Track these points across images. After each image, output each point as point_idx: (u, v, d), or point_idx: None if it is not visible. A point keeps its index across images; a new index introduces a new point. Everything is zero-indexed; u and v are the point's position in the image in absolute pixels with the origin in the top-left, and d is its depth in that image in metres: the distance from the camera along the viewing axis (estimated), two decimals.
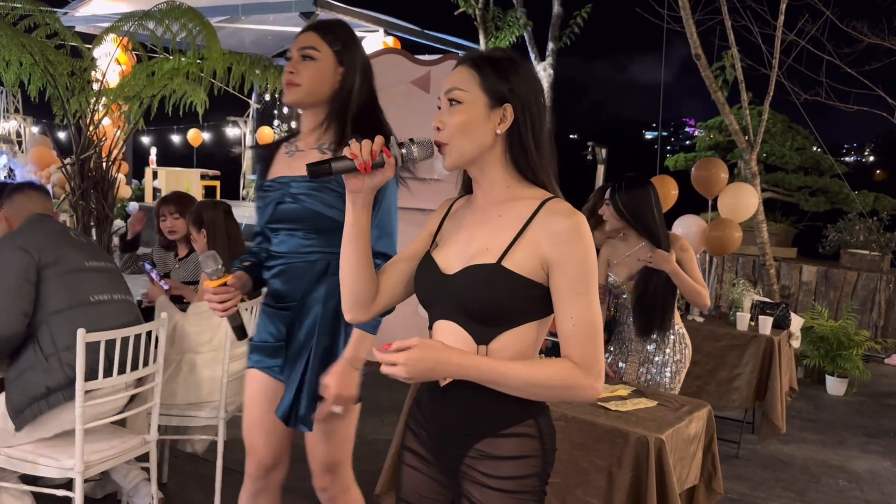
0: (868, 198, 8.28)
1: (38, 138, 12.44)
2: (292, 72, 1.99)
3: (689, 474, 2.60)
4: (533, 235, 1.38)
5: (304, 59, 1.99)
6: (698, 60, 6.71)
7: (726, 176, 5.19)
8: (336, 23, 2.10)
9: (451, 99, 1.42)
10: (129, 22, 4.72)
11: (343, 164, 1.34)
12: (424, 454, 1.53)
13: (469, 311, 1.40)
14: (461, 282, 1.41)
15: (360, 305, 1.51)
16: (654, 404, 2.65)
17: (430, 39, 9.64)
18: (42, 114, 13.85)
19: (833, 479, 4.00)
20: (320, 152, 2.01)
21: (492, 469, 1.42)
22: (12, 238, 2.62)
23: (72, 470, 2.50)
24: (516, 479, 1.42)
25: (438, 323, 1.46)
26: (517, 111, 1.41)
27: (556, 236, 1.36)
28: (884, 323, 6.98)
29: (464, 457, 1.45)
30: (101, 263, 2.76)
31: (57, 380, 2.49)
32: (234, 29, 9.66)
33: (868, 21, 7.37)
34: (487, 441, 1.42)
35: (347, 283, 1.49)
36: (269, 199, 2.06)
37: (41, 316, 2.53)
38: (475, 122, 1.41)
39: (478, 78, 1.42)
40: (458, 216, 1.53)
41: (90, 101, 4.78)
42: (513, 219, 1.41)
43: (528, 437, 1.43)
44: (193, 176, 12.67)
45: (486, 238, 1.42)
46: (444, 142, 1.41)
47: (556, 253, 1.36)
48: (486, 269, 1.38)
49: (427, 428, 1.52)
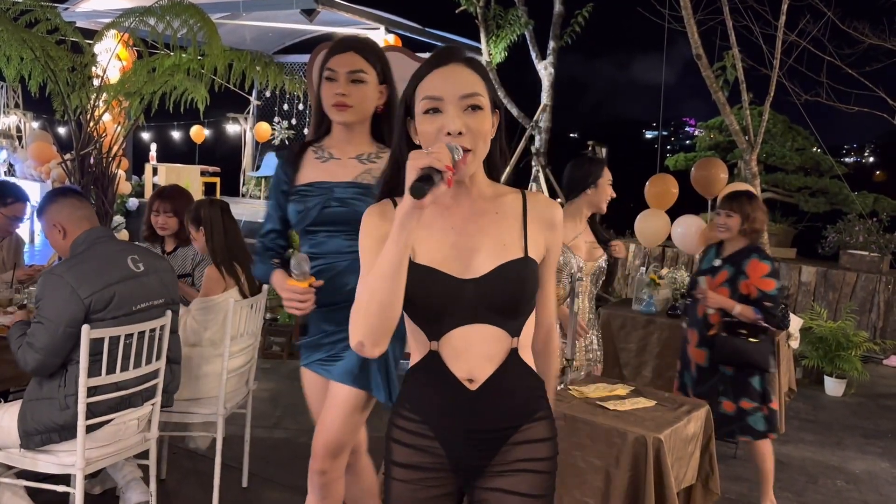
0: (868, 199, 8.28)
1: (39, 134, 12.43)
2: (344, 94, 2.11)
3: (687, 474, 2.61)
4: (534, 225, 1.48)
5: (354, 83, 2.12)
6: (699, 60, 6.71)
7: (726, 176, 5.19)
8: (369, 41, 2.24)
9: (474, 105, 1.39)
10: (130, 18, 4.73)
11: (438, 177, 1.24)
12: (426, 463, 1.49)
13: (505, 308, 1.42)
14: (495, 282, 1.41)
15: (389, 334, 1.36)
16: (652, 404, 2.65)
17: (431, 37, 9.61)
18: (42, 109, 13.82)
19: (831, 479, 4.01)
20: (360, 162, 2.18)
21: (532, 452, 1.49)
22: (67, 271, 2.48)
23: (72, 467, 2.50)
24: (546, 459, 1.51)
25: (458, 331, 1.42)
26: (500, 117, 1.48)
27: (554, 224, 1.51)
28: (882, 324, 6.98)
29: (497, 449, 1.47)
30: (149, 271, 2.68)
31: (71, 421, 2.48)
32: (234, 25, 9.64)
33: (869, 22, 7.36)
34: (526, 427, 1.49)
35: (386, 313, 1.32)
36: (312, 202, 2.17)
37: (74, 354, 2.49)
38: (489, 129, 1.44)
39: (484, 84, 1.42)
40: (425, 219, 1.40)
41: (91, 97, 4.78)
42: (509, 213, 1.48)
43: (550, 418, 1.54)
44: (193, 172, 12.65)
45: (496, 236, 1.44)
46: (468, 147, 1.37)
47: (553, 238, 1.51)
48: (518, 264, 1.43)
49: (443, 434, 1.47)
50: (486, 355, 1.43)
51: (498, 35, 9.71)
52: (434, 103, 1.38)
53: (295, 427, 4.22)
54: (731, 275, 3.36)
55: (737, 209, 3.37)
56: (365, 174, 2.18)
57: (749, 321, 3.27)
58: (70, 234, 2.63)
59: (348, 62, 2.13)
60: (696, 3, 6.76)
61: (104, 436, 2.59)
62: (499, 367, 1.44)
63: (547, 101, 9.82)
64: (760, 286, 3.27)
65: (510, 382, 1.46)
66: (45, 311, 2.45)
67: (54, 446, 2.52)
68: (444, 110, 1.38)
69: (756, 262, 3.30)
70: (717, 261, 3.43)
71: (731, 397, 3.36)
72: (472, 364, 1.43)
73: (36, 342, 2.45)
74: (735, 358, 3.30)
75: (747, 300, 3.29)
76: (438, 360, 1.44)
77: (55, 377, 2.52)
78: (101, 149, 4.94)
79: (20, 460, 2.56)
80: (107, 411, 2.54)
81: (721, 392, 3.38)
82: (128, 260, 2.62)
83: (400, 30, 8.92)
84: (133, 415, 2.65)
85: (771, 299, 3.26)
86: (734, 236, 3.39)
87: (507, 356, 1.44)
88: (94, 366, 2.47)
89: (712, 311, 3.38)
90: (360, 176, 2.18)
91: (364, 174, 2.18)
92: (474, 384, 1.43)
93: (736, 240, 3.40)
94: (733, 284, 3.34)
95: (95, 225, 2.68)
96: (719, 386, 3.39)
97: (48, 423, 2.49)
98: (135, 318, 2.56)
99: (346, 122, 2.16)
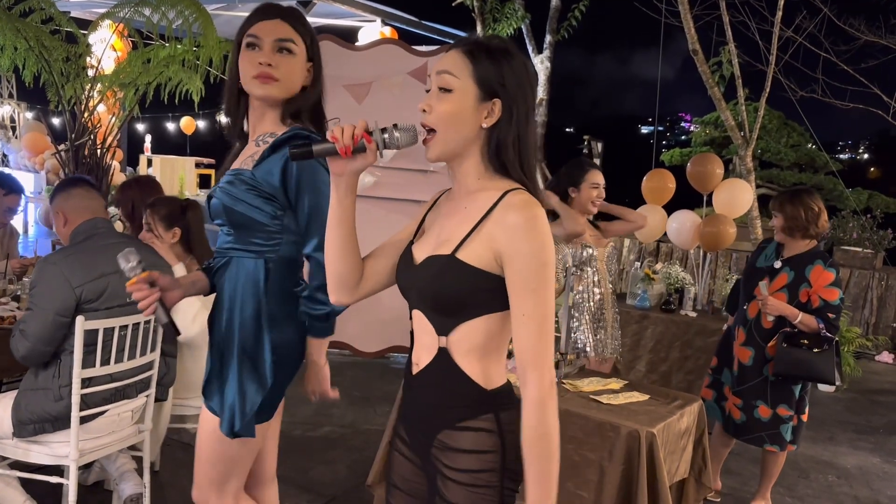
0: (862, 195, 8.32)
1: (33, 124, 12.38)
2: (270, 64, 1.83)
3: (680, 468, 2.62)
4: (489, 227, 1.35)
5: (280, 52, 1.85)
6: (695, 56, 6.71)
7: (721, 172, 5.20)
8: (297, 11, 1.95)
9: (441, 86, 1.39)
10: (125, 8, 4.70)
11: (324, 146, 1.34)
12: (408, 439, 1.55)
13: (428, 301, 1.42)
14: (422, 272, 1.42)
15: (344, 288, 1.51)
16: (645, 398, 2.66)
17: (427, 30, 9.60)
18: (36, 99, 13.76)
19: (822, 474, 4.03)
20: (255, 144, 1.89)
21: (451, 461, 1.42)
22: (62, 259, 2.50)
23: (66, 458, 2.50)
24: (472, 472, 1.40)
25: (413, 312, 1.48)
26: (504, 108, 1.38)
27: (508, 230, 1.33)
28: (875, 320, 7.02)
29: (430, 446, 1.46)
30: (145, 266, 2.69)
31: (65, 412, 2.49)
32: (230, 16, 9.59)
33: (865, 19, 7.38)
34: (447, 433, 1.42)
35: (332, 265, 1.49)
36: None
37: (68, 345, 2.49)
38: (463, 113, 1.38)
39: (471, 67, 1.38)
40: (438, 208, 1.54)
41: (85, 88, 4.76)
42: (475, 211, 1.40)
43: (484, 431, 1.40)
44: (188, 164, 12.63)
45: (450, 229, 1.43)
46: (430, 125, 1.38)
47: (509, 247, 1.33)
48: (441, 260, 1.39)
49: (406, 414, 1.54)
50: (424, 345, 1.45)
51: (494, 28, 9.70)
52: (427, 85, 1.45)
53: (287, 419, 4.21)
54: (790, 279, 3.18)
55: (778, 209, 3.23)
56: (248, 159, 1.87)
57: (811, 331, 3.11)
58: (71, 222, 2.65)
59: (276, 29, 1.84)
60: None
61: (98, 427, 2.59)
62: (429, 361, 1.43)
63: (543, 96, 9.82)
64: (824, 295, 3.10)
65: (435, 380, 1.43)
66: (37, 299, 2.47)
67: (48, 437, 2.52)
68: (429, 90, 1.43)
69: (821, 269, 3.13)
70: (777, 262, 3.25)
71: (768, 402, 3.21)
72: (418, 348, 1.47)
73: (27, 329, 2.46)
74: (797, 369, 3.10)
75: (804, 308, 3.14)
76: (412, 339, 1.51)
77: (50, 367, 2.52)
78: (95, 140, 4.92)
79: (13, 451, 2.56)
80: (101, 403, 2.54)
81: (759, 396, 3.24)
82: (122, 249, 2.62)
83: (397, 22, 8.89)
84: (127, 406, 2.65)
85: (834, 310, 3.10)
86: (786, 237, 3.23)
87: (436, 353, 1.42)
88: (89, 357, 2.47)
89: (771, 318, 3.22)
90: (244, 161, 1.87)
91: (248, 159, 1.87)
92: (416, 368, 1.46)
93: (795, 241, 3.22)
94: (793, 290, 3.17)
95: (98, 216, 2.68)
96: (759, 389, 3.24)
97: (42, 414, 2.49)
98: (128, 310, 2.56)
99: (270, 96, 1.86)
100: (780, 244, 3.31)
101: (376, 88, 4.35)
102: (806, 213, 3.17)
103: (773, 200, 3.31)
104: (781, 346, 3.12)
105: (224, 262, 1.91)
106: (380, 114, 4.10)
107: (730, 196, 5.21)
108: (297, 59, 1.87)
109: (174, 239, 3.02)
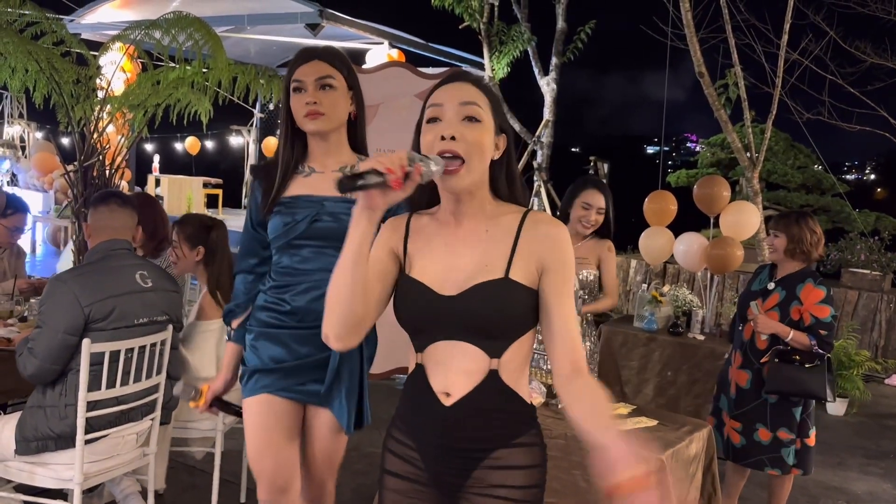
0: (869, 217, 8.30)
1: (42, 144, 12.48)
2: (315, 102, 2.04)
3: (689, 495, 2.59)
4: (526, 245, 1.43)
5: (323, 89, 2.06)
6: (702, 78, 6.74)
7: (728, 194, 5.19)
8: (333, 48, 2.17)
9: (471, 116, 1.41)
10: (135, 31, 4.74)
11: (375, 179, 1.27)
12: (411, 474, 1.50)
13: (481, 328, 1.41)
14: (470, 301, 1.41)
15: (355, 331, 1.42)
16: (653, 423, 2.64)
17: (434, 52, 9.66)
18: (46, 119, 13.89)
19: (832, 500, 3.98)
20: (341, 173, 2.01)
21: (502, 479, 1.44)
22: (73, 278, 2.52)
23: (70, 481, 2.49)
24: (524, 488, 1.46)
25: (439, 345, 1.44)
26: (509, 142, 1.49)
27: (547, 240, 1.44)
28: (884, 343, 6.96)
29: (472, 470, 1.45)
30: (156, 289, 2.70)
31: (69, 431, 2.48)
32: (239, 39, 9.68)
33: (871, 41, 7.41)
34: (500, 451, 1.45)
35: (346, 307, 1.38)
36: (301, 215, 2.05)
37: (75, 363, 2.49)
38: (489, 144, 1.44)
39: (487, 101, 1.45)
40: (428, 234, 1.49)
41: (95, 109, 4.79)
42: (501, 233, 1.45)
43: (536, 446, 1.48)
44: (196, 184, 12.68)
45: (480, 255, 1.44)
46: (460, 154, 1.38)
47: (550, 256, 1.43)
48: (495, 285, 1.41)
49: (422, 446, 1.49)
50: (464, 372, 1.43)
51: (501, 51, 9.76)
52: (435, 111, 1.43)
53: None
54: (782, 298, 3.21)
55: (783, 229, 3.22)
56: None
57: (803, 348, 3.12)
58: (93, 239, 2.68)
59: (315, 70, 2.06)
60: (699, 21, 6.80)
61: (102, 449, 2.57)
62: (476, 386, 1.43)
63: (549, 117, 9.86)
64: (815, 312, 3.12)
65: (486, 403, 1.43)
66: (46, 316, 2.48)
67: (50, 457, 2.51)
68: (442, 118, 1.42)
69: (811, 287, 3.15)
70: (770, 284, 3.28)
71: (768, 425, 3.20)
72: (449, 379, 1.44)
73: (35, 347, 2.47)
74: (789, 386, 3.12)
75: (796, 325, 3.15)
76: (423, 372, 1.47)
77: (57, 385, 2.52)
78: (104, 160, 4.94)
79: (17, 474, 2.55)
80: (106, 426, 2.54)
81: (759, 419, 3.22)
82: (136, 275, 2.65)
83: (404, 45, 8.95)
84: (132, 429, 2.64)
85: (826, 326, 3.10)
86: (784, 258, 3.24)
87: (485, 377, 1.42)
88: (95, 379, 2.47)
89: (765, 336, 3.23)
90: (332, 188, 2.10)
91: None
92: (450, 399, 1.43)
93: (788, 262, 3.25)
94: (784, 309, 3.19)
95: (118, 237, 2.69)
96: (758, 412, 3.23)
97: (46, 431, 2.49)
98: (135, 331, 2.56)
99: (321, 130, 2.08)
100: (774, 266, 3.35)
101: (384, 110, 4.37)
102: (810, 237, 3.20)
103: (776, 220, 3.32)
104: (774, 362, 3.14)
105: None
106: (387, 136, 4.13)
107: (737, 218, 5.19)
108: (338, 92, 2.08)
109: (198, 257, 3.04)
